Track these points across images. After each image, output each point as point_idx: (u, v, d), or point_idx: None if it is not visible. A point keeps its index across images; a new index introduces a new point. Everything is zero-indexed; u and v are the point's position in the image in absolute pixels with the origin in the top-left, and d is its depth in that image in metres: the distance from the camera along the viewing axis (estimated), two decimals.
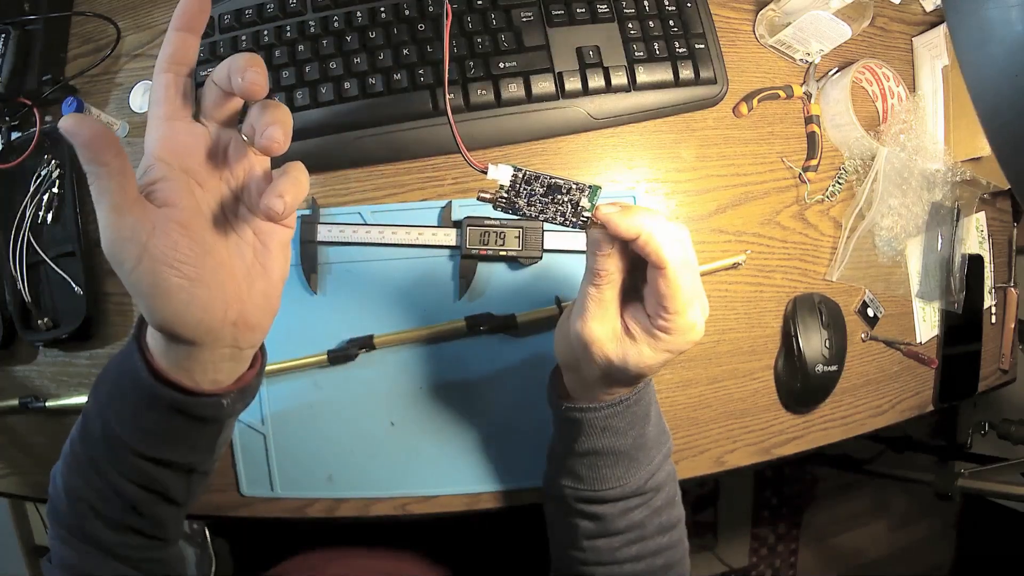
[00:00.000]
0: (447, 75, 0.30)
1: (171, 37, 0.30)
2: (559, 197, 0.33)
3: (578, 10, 0.55)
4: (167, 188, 0.30)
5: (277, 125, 0.28)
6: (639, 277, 0.34)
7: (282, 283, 0.35)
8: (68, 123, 0.27)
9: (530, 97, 0.54)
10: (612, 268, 0.33)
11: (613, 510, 0.40)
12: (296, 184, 0.30)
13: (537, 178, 0.33)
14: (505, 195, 0.33)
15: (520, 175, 0.33)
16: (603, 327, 0.34)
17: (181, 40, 0.30)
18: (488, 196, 0.34)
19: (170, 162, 0.30)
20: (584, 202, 0.33)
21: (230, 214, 0.33)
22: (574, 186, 0.33)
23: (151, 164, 0.30)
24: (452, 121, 0.32)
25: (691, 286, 0.32)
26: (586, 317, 0.34)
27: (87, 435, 0.35)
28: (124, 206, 0.28)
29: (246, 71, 0.27)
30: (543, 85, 0.54)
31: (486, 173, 0.33)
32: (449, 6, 0.29)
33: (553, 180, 0.33)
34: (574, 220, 0.34)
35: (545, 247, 0.53)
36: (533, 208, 0.34)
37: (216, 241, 0.32)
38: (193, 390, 0.33)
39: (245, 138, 0.31)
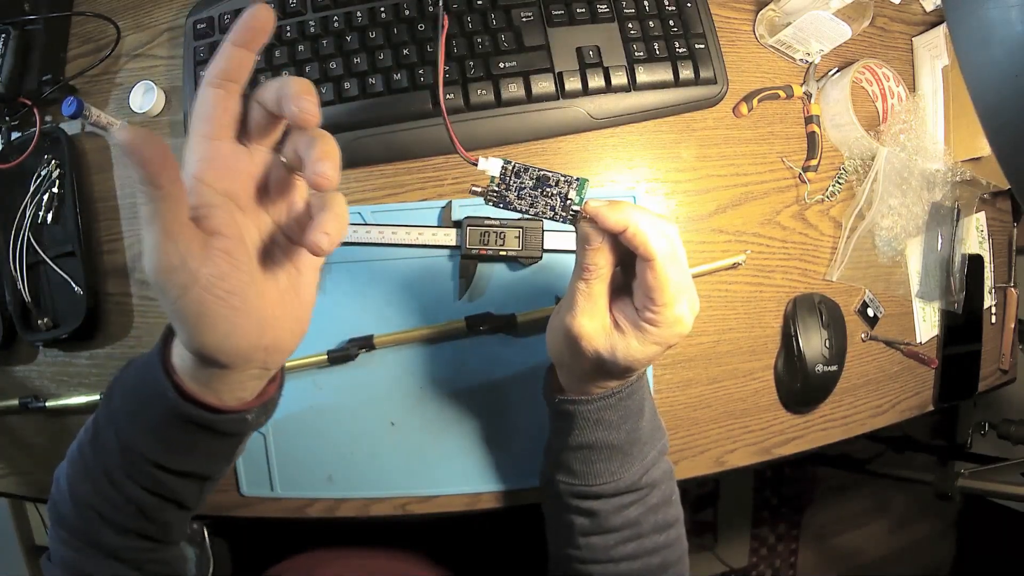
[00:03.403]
0: (442, 77, 0.30)
1: (227, 51, 0.28)
2: (548, 190, 0.34)
3: (578, 10, 0.55)
4: (214, 215, 0.29)
5: (328, 160, 0.27)
6: (628, 272, 0.35)
7: (312, 306, 0.35)
8: (127, 137, 0.24)
9: (530, 97, 0.54)
10: (601, 262, 0.34)
11: (607, 506, 0.40)
12: (340, 220, 0.29)
13: (526, 170, 0.34)
14: (496, 188, 0.34)
15: (509, 167, 0.34)
16: (592, 321, 0.35)
17: (238, 56, 0.28)
18: (479, 190, 0.34)
19: (214, 185, 0.29)
20: (572, 195, 0.34)
21: (267, 240, 0.32)
22: (562, 178, 0.34)
23: (193, 186, 0.29)
24: (446, 115, 0.32)
25: (678, 280, 0.32)
26: (575, 312, 0.35)
27: (99, 445, 0.35)
28: (176, 233, 0.27)
29: (300, 99, 0.26)
30: (543, 85, 0.54)
31: (476, 165, 0.33)
32: (446, 16, 0.30)
33: (541, 172, 0.34)
34: (563, 214, 0.34)
35: (545, 247, 0.53)
36: (523, 202, 0.34)
37: (257, 269, 0.31)
38: (219, 408, 0.33)
39: (284, 160, 0.30)
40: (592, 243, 0.33)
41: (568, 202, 0.34)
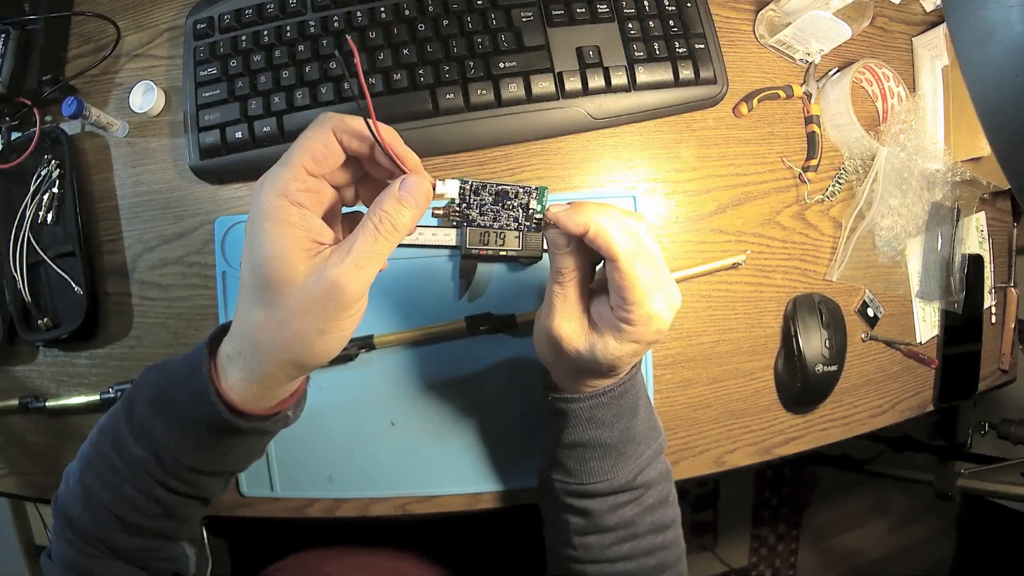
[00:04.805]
0: (371, 104, 0.30)
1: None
2: (509, 203, 0.34)
3: (578, 10, 0.55)
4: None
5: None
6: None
7: None
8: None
9: (530, 97, 0.54)
10: (571, 265, 0.34)
11: (602, 505, 0.40)
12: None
13: (484, 187, 0.34)
14: (457, 208, 0.34)
15: (468, 186, 0.34)
16: (570, 323, 0.35)
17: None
18: (441, 212, 0.34)
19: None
20: (533, 204, 0.34)
21: None
22: (521, 190, 0.34)
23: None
24: (381, 138, 0.31)
25: (649, 276, 0.32)
26: (553, 314, 0.36)
27: (124, 453, 0.35)
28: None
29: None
30: (543, 85, 0.54)
31: (435, 189, 0.33)
32: (352, 43, 0.30)
33: (500, 187, 0.34)
34: (527, 224, 0.35)
35: (545, 247, 0.53)
36: (486, 217, 0.34)
37: None
38: (267, 413, 0.35)
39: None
40: (559, 247, 0.34)
41: (531, 212, 0.34)
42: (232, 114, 0.54)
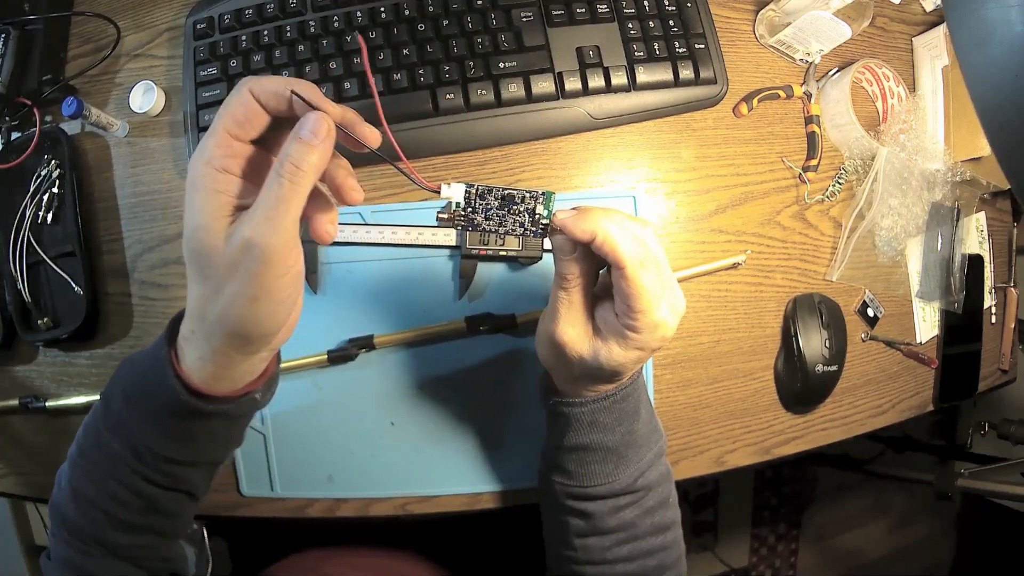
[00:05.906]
0: (378, 99, 0.30)
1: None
2: (515, 207, 0.34)
3: (578, 10, 0.55)
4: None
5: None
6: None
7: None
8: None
9: (530, 97, 0.54)
10: (576, 271, 0.34)
11: (603, 508, 0.40)
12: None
13: (490, 191, 0.34)
14: (463, 213, 0.34)
15: (473, 191, 0.34)
16: (574, 328, 0.35)
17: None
18: (446, 216, 0.34)
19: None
20: (540, 209, 0.34)
21: None
22: (527, 194, 0.34)
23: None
24: (394, 141, 0.31)
25: (655, 284, 0.32)
26: (557, 320, 0.35)
27: (102, 448, 0.35)
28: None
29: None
30: (543, 85, 0.54)
31: (439, 193, 0.33)
32: (361, 37, 0.30)
33: (506, 191, 0.34)
34: (533, 229, 0.34)
35: (545, 247, 0.53)
36: (491, 222, 0.34)
37: None
38: (232, 395, 0.34)
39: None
40: (565, 253, 0.34)
41: (537, 216, 0.34)
42: None
